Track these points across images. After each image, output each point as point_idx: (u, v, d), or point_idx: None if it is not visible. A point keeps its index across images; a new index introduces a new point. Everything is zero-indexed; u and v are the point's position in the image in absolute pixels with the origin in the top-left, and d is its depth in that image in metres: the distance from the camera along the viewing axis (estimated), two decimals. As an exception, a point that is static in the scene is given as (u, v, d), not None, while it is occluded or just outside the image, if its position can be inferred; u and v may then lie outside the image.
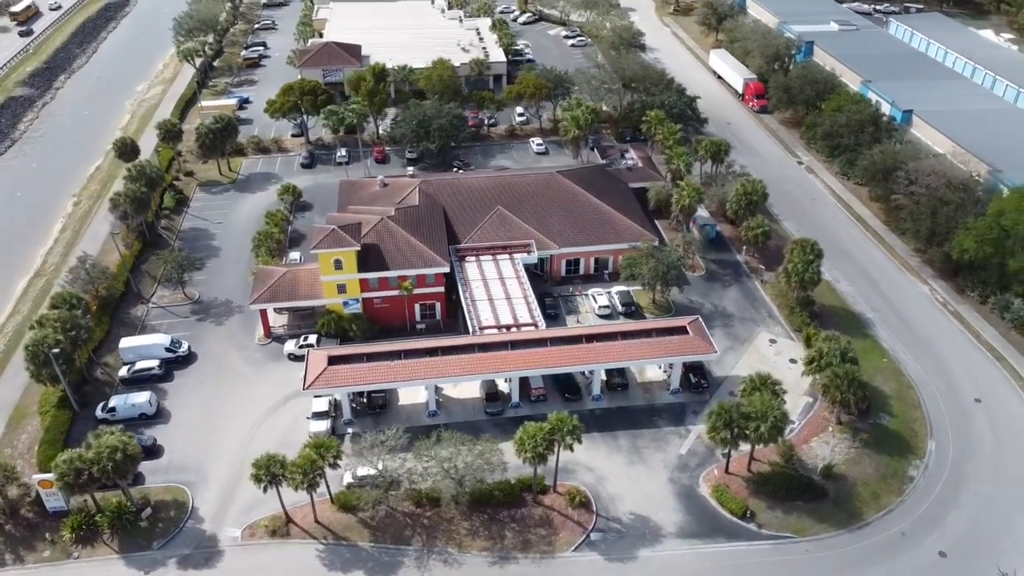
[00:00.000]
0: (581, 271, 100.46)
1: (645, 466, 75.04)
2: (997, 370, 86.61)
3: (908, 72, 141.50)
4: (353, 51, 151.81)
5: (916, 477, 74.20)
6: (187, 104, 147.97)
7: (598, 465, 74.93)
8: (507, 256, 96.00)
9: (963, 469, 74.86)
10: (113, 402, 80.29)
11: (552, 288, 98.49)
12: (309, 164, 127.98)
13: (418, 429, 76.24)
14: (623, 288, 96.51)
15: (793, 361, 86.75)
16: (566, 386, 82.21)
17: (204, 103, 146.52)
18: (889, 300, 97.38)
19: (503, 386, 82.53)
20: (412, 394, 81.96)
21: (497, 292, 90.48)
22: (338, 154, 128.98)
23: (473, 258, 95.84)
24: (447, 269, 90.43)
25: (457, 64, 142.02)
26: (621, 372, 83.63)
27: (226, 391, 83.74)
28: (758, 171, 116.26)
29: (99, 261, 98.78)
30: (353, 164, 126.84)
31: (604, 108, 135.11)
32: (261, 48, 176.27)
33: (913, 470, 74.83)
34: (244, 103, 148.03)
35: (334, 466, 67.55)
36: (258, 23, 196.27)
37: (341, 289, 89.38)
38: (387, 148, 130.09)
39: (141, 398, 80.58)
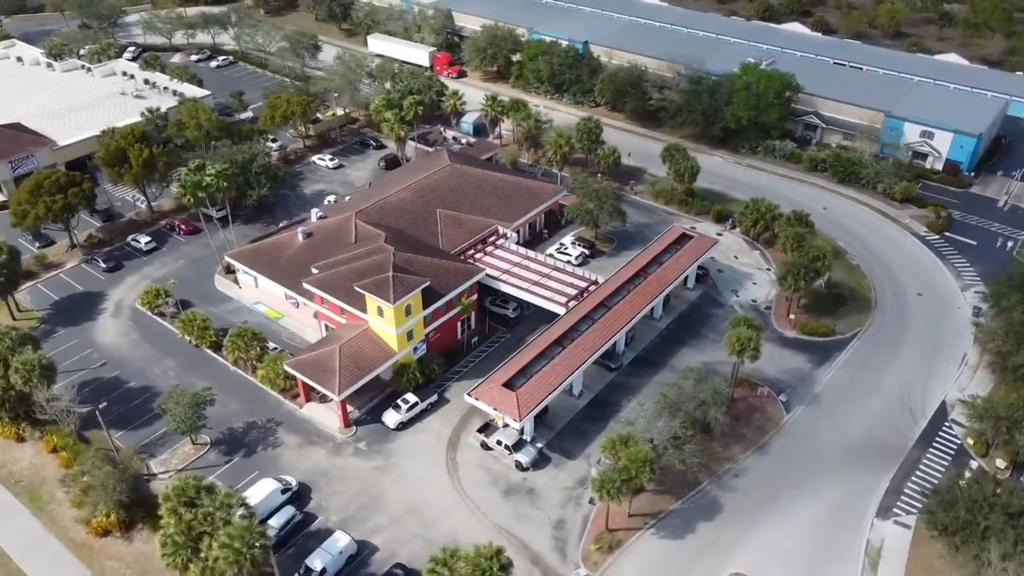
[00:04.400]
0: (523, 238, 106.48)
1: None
2: (799, 188, 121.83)
3: (564, 12, 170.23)
4: (31, 132, 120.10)
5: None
6: None
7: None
8: (493, 245, 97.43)
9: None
10: (317, 562, 64.23)
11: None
12: (114, 267, 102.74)
13: (590, 412, 79.65)
14: (575, 236, 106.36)
15: (731, 228, 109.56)
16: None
17: None
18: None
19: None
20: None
21: (531, 274, 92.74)
22: (143, 243, 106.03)
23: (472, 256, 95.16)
24: (482, 273, 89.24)
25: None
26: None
27: (402, 494, 73.20)
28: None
29: None
30: (167, 249, 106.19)
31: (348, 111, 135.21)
32: None
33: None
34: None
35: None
36: None
37: (410, 336, 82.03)
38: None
39: (341, 542, 66.00)
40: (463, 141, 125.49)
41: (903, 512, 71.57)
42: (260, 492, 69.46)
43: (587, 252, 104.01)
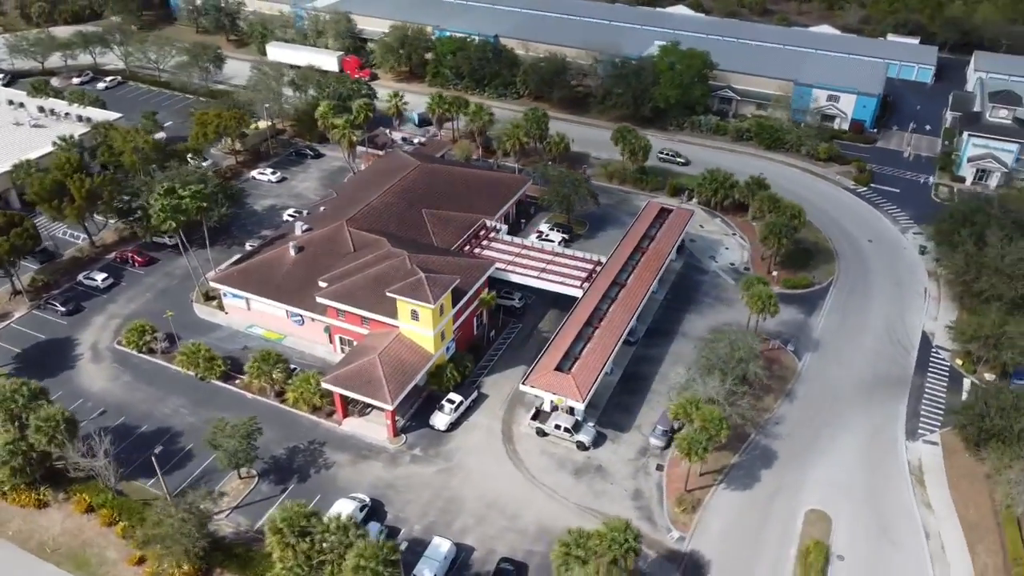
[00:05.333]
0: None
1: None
2: (731, 157, 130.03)
3: (463, 9, 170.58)
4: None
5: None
6: None
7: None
8: (487, 239, 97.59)
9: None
10: (426, 571, 62.67)
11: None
12: (74, 309, 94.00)
13: (626, 386, 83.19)
14: (550, 222, 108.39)
15: (688, 200, 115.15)
16: None
17: None
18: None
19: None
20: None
21: (535, 262, 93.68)
22: (99, 280, 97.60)
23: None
24: (493, 267, 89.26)
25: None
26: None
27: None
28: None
29: None
30: (127, 283, 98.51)
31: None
32: None
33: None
34: None
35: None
36: None
37: (442, 336, 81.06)
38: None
39: (443, 547, 64.75)
40: (415, 140, 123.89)
41: (927, 431, 79.22)
42: (342, 513, 66.63)
43: (566, 236, 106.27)
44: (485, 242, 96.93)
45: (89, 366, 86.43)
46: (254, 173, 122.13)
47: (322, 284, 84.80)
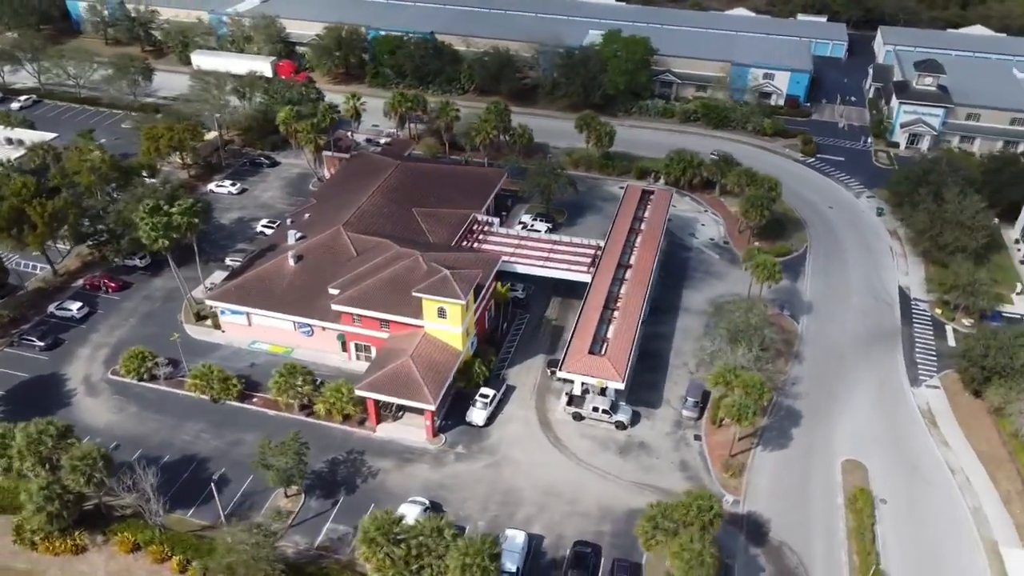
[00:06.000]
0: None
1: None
2: (682, 138, 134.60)
3: (388, 8, 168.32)
4: None
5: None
6: None
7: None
8: (482, 233, 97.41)
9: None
10: (508, 564, 62.25)
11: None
12: (53, 344, 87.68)
13: (645, 364, 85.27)
14: (531, 213, 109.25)
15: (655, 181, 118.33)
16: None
17: None
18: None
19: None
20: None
21: (537, 252, 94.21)
22: (74, 309, 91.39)
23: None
24: (500, 260, 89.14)
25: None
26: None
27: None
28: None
29: None
30: (104, 311, 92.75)
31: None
32: None
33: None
34: None
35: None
36: None
37: (468, 333, 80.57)
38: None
39: (519, 538, 64.71)
40: (381, 141, 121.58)
41: (927, 376, 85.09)
42: (409, 517, 65.52)
43: (550, 225, 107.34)
44: (482, 236, 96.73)
45: (86, 400, 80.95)
46: (211, 186, 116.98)
47: (333, 291, 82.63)
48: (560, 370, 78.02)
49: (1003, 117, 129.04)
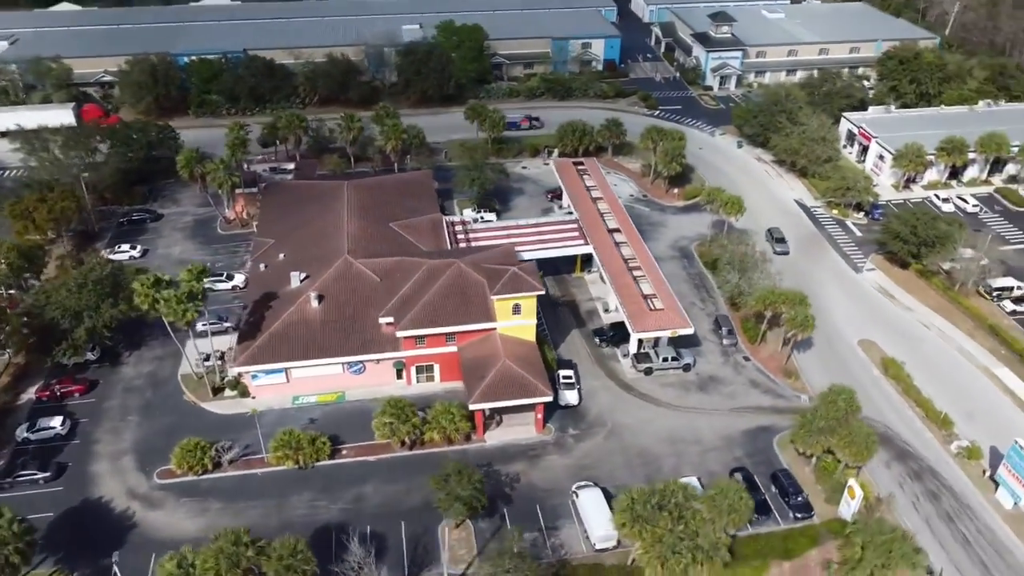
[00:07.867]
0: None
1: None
2: (538, 112, 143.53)
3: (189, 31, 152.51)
4: None
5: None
6: None
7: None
8: (466, 232, 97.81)
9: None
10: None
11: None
12: (58, 471, 72.91)
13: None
14: (472, 207, 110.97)
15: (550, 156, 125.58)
16: None
17: None
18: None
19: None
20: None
21: (530, 236, 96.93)
22: (57, 426, 76.32)
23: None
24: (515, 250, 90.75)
25: None
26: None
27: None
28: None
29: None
30: (91, 420, 78.70)
31: None
32: None
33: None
34: None
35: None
36: None
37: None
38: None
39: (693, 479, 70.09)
40: (289, 167, 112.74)
41: (862, 262, 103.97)
42: (598, 502, 67.95)
43: (495, 215, 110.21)
44: (471, 234, 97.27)
45: (151, 515, 69.54)
46: (107, 255, 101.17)
47: (384, 321, 79.42)
48: (634, 331, 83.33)
49: (782, 51, 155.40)
